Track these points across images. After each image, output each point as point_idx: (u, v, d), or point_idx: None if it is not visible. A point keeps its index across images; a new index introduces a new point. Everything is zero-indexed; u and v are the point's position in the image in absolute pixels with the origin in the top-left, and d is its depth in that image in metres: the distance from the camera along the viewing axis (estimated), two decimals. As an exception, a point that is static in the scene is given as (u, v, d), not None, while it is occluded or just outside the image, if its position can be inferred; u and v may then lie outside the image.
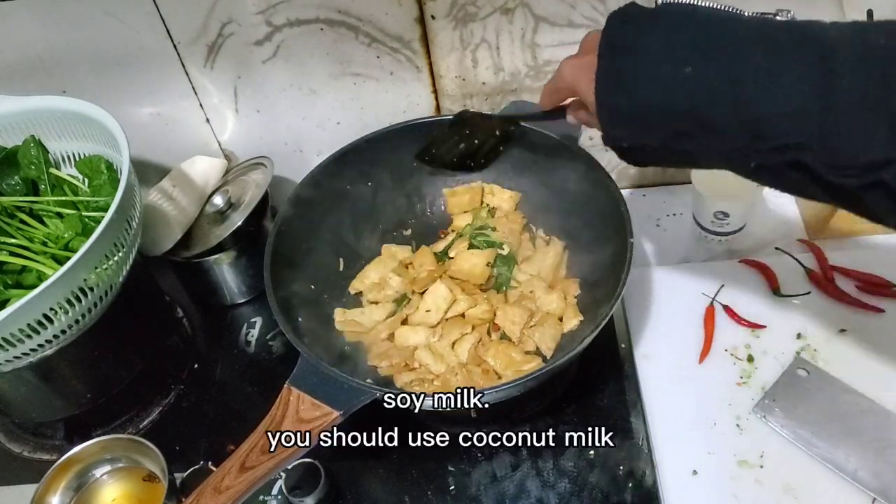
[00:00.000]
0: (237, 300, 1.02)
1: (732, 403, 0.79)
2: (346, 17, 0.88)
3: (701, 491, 0.74)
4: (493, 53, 0.91)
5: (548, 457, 0.80)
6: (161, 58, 0.92)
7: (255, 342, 0.97)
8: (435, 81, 0.95)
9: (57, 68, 0.92)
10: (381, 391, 0.69)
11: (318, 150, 1.03)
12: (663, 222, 1.03)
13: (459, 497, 0.78)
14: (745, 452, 0.76)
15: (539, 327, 0.82)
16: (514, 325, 0.82)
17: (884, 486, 0.70)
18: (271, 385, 0.72)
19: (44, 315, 0.70)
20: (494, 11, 0.87)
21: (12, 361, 0.74)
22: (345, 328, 0.87)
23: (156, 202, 0.97)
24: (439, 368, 0.81)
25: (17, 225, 0.83)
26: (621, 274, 0.73)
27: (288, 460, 0.67)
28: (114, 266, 0.76)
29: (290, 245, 0.85)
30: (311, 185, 0.88)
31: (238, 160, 1.06)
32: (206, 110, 0.99)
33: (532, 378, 0.69)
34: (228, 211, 0.95)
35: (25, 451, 0.90)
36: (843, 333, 0.83)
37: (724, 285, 0.89)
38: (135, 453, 0.80)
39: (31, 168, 0.87)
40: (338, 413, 0.68)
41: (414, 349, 0.83)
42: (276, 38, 0.90)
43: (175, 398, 0.92)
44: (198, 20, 0.88)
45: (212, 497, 0.65)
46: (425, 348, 0.83)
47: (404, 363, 0.82)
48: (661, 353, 0.85)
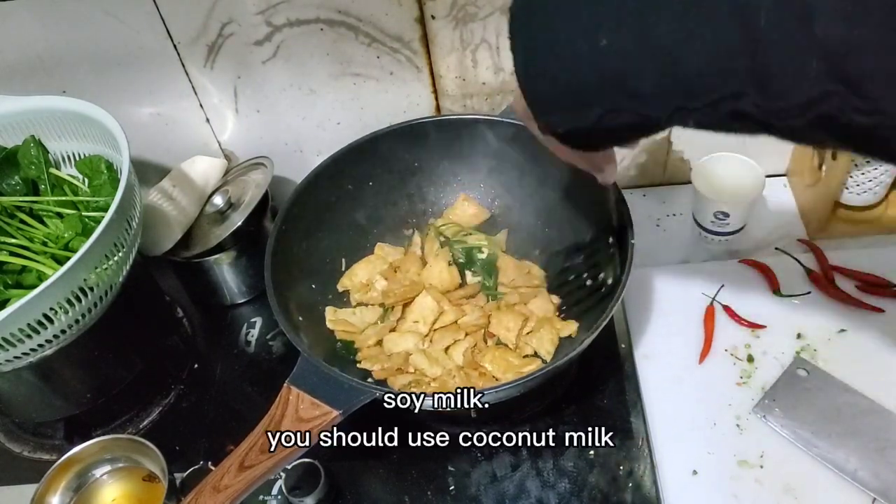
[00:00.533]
0: (237, 300, 1.02)
1: (732, 403, 0.79)
2: (346, 17, 0.88)
3: (701, 491, 0.74)
4: (493, 53, 0.91)
5: (548, 457, 0.80)
6: (161, 58, 0.92)
7: (255, 342, 0.97)
8: (435, 81, 0.95)
9: (57, 68, 0.92)
10: (381, 391, 0.69)
11: (318, 150, 1.03)
12: (663, 222, 1.03)
13: (459, 497, 0.78)
14: (745, 452, 0.76)
15: (536, 333, 0.82)
16: (509, 331, 0.82)
17: (884, 486, 0.70)
18: (271, 385, 0.72)
19: (44, 315, 0.70)
20: (494, 11, 0.87)
21: (12, 361, 0.74)
22: (336, 327, 0.87)
23: (156, 202, 0.97)
24: (435, 372, 0.81)
25: (17, 225, 0.83)
26: (621, 274, 0.73)
27: (287, 460, 0.67)
28: (114, 266, 0.76)
29: (291, 245, 0.85)
30: (311, 185, 0.88)
31: (238, 160, 1.06)
32: (206, 110, 0.99)
33: (532, 378, 0.69)
34: (228, 211, 0.95)
35: (25, 451, 0.90)
36: (843, 333, 0.83)
37: (724, 285, 0.89)
38: (135, 453, 0.80)
39: (31, 168, 0.87)
40: (337, 412, 0.68)
41: (407, 354, 0.83)
42: (276, 39, 0.90)
43: (175, 398, 0.92)
44: (198, 20, 0.88)
45: (211, 496, 0.65)
46: (419, 353, 0.82)
47: (397, 367, 0.82)
48: (661, 353, 0.85)
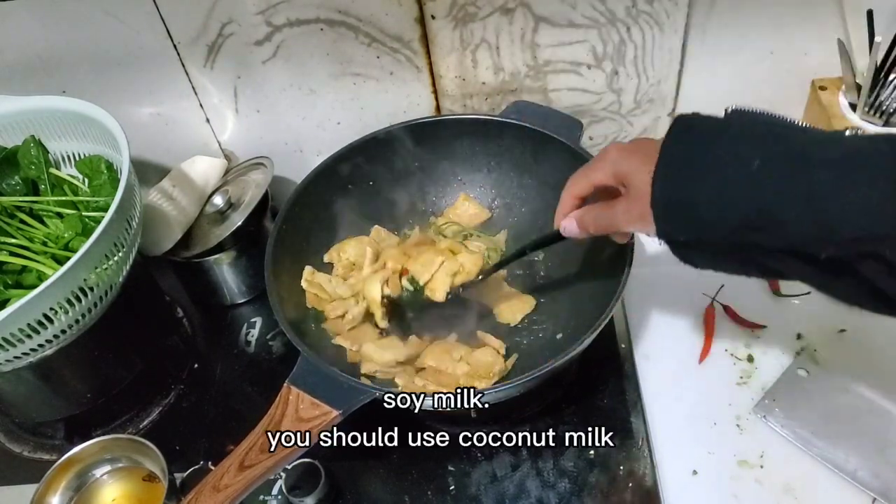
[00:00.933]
0: (237, 300, 1.02)
1: (732, 403, 0.79)
2: (346, 17, 0.88)
3: (701, 491, 0.74)
4: (493, 53, 0.91)
5: (548, 457, 0.80)
6: (161, 58, 0.92)
7: (255, 342, 0.97)
8: (435, 81, 0.95)
9: (57, 68, 0.92)
10: (381, 391, 0.69)
11: (318, 150, 1.03)
12: (663, 222, 1.03)
13: (459, 497, 0.78)
14: (745, 452, 0.76)
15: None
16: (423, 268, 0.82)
17: (884, 486, 0.70)
18: (271, 385, 0.72)
19: (44, 315, 0.70)
20: (494, 11, 0.87)
21: (12, 361, 0.74)
22: (309, 288, 0.86)
23: (156, 202, 0.97)
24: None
25: (17, 225, 0.83)
26: (621, 274, 0.73)
27: (287, 460, 0.67)
28: (114, 266, 0.76)
29: (291, 245, 0.85)
30: (311, 184, 0.88)
31: (238, 160, 1.06)
32: (206, 110, 0.99)
33: (532, 378, 0.69)
34: (228, 211, 0.95)
35: (25, 451, 0.90)
36: (843, 333, 0.83)
37: (724, 285, 0.89)
38: (135, 453, 0.80)
39: (31, 168, 0.87)
40: (337, 412, 0.68)
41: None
42: (276, 38, 0.90)
43: (175, 398, 0.92)
44: (198, 20, 0.88)
45: (210, 495, 0.65)
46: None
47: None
48: (661, 353, 0.85)
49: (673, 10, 0.86)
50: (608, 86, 0.95)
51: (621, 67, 0.92)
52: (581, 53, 0.91)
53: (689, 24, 0.88)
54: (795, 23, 0.88)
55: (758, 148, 0.49)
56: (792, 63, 0.92)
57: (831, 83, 0.93)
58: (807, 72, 0.93)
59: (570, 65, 0.92)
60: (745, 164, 0.49)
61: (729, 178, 0.50)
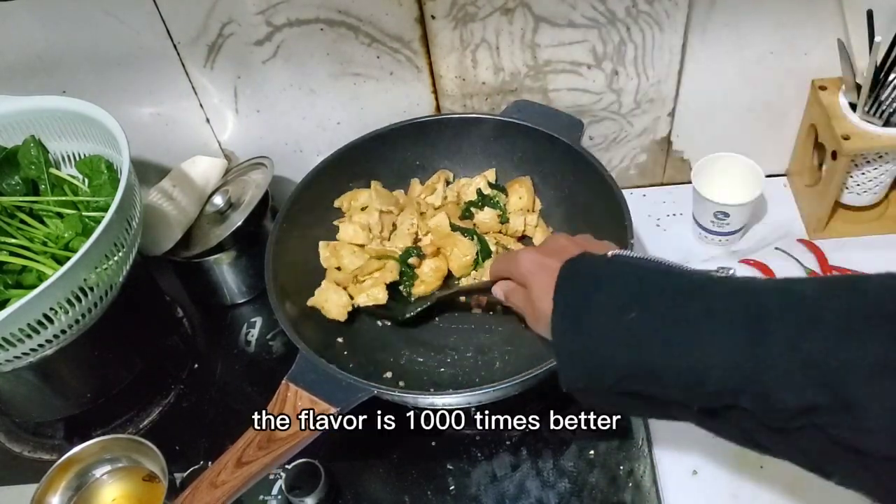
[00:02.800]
0: (237, 300, 1.02)
1: (732, 403, 0.79)
2: (346, 17, 0.88)
3: (701, 491, 0.74)
4: (493, 53, 0.91)
5: (548, 457, 0.80)
6: (161, 58, 0.92)
7: (255, 342, 0.97)
8: (435, 81, 0.95)
9: (57, 68, 0.92)
10: (380, 388, 0.69)
11: (318, 150, 1.03)
12: (663, 222, 1.03)
13: (459, 497, 0.78)
14: (745, 452, 0.75)
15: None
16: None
17: (884, 486, 0.70)
18: (271, 385, 0.72)
19: (44, 315, 0.70)
20: (494, 11, 0.87)
21: (12, 361, 0.74)
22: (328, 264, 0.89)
23: (156, 202, 0.97)
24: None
25: (17, 225, 0.83)
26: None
27: (284, 456, 0.67)
28: (114, 266, 0.76)
29: (291, 245, 0.85)
30: (312, 184, 0.88)
31: (238, 160, 1.06)
32: (206, 110, 0.99)
33: (532, 377, 0.69)
34: (228, 211, 0.95)
35: (25, 451, 0.90)
36: (844, 333, 0.83)
37: (725, 285, 0.89)
38: (135, 453, 0.80)
39: (31, 168, 0.87)
40: (335, 410, 0.68)
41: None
42: (276, 38, 0.90)
43: (175, 398, 0.92)
44: (198, 20, 0.88)
45: (207, 492, 0.65)
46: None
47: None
48: (661, 352, 0.85)
49: (673, 9, 0.86)
50: (608, 86, 0.95)
51: (621, 67, 0.93)
52: (581, 53, 0.91)
53: (689, 24, 0.88)
54: (795, 23, 0.88)
55: (635, 298, 0.51)
56: (792, 63, 0.92)
57: (831, 83, 0.93)
58: (807, 72, 0.93)
59: (570, 65, 0.92)
60: (622, 315, 0.51)
61: (608, 331, 0.52)
